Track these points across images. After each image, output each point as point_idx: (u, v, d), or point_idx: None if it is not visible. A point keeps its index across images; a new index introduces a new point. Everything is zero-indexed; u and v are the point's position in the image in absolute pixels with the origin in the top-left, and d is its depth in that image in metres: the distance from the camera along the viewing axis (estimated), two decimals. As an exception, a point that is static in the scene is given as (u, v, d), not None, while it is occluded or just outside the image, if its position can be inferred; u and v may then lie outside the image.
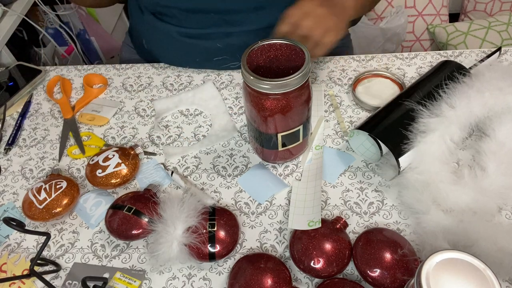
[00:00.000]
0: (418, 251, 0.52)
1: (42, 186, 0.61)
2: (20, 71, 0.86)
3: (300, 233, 0.53)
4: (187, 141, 0.70)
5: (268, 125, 0.56)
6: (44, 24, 1.55)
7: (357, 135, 0.64)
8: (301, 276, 0.53)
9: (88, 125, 0.75)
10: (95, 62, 1.71)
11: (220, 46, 0.75)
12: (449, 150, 0.56)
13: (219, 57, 0.77)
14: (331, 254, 0.51)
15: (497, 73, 0.61)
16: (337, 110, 0.71)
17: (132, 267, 0.56)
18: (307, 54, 0.53)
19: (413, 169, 0.56)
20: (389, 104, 0.63)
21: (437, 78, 0.64)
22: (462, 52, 0.79)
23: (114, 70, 0.85)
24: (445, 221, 0.52)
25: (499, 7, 1.47)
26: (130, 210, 0.57)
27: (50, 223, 0.61)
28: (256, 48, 0.55)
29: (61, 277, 0.56)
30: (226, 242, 0.54)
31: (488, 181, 0.54)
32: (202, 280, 0.54)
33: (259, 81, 0.51)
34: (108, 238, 0.59)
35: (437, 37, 1.44)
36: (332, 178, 0.62)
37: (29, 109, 0.79)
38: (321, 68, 0.79)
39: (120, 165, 0.63)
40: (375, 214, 0.58)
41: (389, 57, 0.80)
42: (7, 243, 0.60)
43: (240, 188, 0.63)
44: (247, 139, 0.69)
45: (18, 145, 0.73)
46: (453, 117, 0.57)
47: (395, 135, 0.57)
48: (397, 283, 0.48)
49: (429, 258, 0.38)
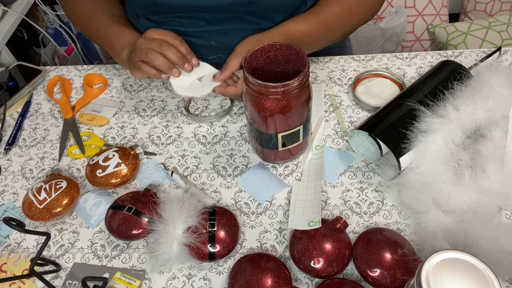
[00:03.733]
0: (418, 251, 0.52)
1: (42, 186, 0.61)
2: (20, 71, 0.86)
3: (300, 233, 0.53)
4: (187, 141, 0.70)
5: (268, 125, 0.56)
6: (44, 24, 1.56)
7: (357, 135, 0.64)
8: (301, 276, 0.53)
9: (88, 125, 0.75)
10: (95, 62, 1.71)
11: (215, 45, 0.75)
12: (450, 151, 0.56)
13: (213, 55, 0.77)
14: (331, 254, 0.51)
15: (501, 77, 0.61)
16: (337, 110, 0.71)
17: (132, 267, 0.56)
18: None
19: (414, 169, 0.56)
20: (389, 104, 0.63)
21: (437, 78, 0.64)
22: (462, 52, 0.79)
23: (114, 70, 0.85)
24: (445, 221, 0.52)
25: (499, 7, 1.47)
26: (130, 210, 0.57)
27: (50, 223, 0.61)
28: (256, 48, 0.55)
29: (61, 277, 0.56)
30: (226, 242, 0.54)
31: (488, 181, 0.54)
32: (202, 280, 0.54)
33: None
34: (108, 238, 0.59)
35: (437, 37, 1.44)
36: (332, 178, 0.62)
37: (29, 109, 0.79)
38: (321, 68, 0.79)
39: (120, 165, 0.63)
40: (375, 214, 0.58)
41: (389, 57, 0.80)
42: (7, 243, 0.60)
43: (240, 188, 0.63)
44: (247, 139, 0.69)
45: (18, 145, 0.73)
46: (457, 120, 0.57)
47: (396, 135, 0.57)
48: (397, 283, 0.48)
49: (429, 258, 0.38)
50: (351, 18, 0.73)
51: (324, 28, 0.70)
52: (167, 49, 0.64)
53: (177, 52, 0.65)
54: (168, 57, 0.64)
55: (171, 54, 0.64)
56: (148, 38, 0.66)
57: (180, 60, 0.64)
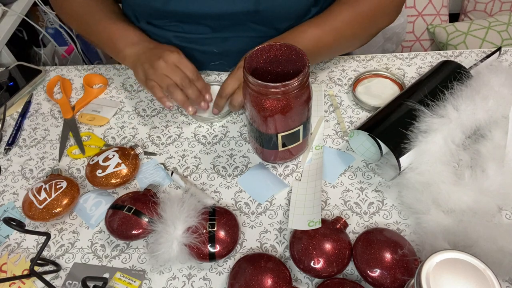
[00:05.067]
0: (418, 251, 0.52)
1: (42, 186, 0.61)
2: (20, 71, 0.86)
3: (300, 233, 0.53)
4: (187, 141, 0.70)
5: (268, 125, 0.56)
6: (44, 24, 1.55)
7: (357, 135, 0.64)
8: (301, 276, 0.53)
9: (88, 125, 0.75)
10: (95, 62, 1.71)
11: (217, 51, 0.75)
12: (450, 151, 0.56)
13: (215, 62, 0.77)
14: (331, 254, 0.51)
15: (501, 76, 0.61)
16: (337, 110, 0.71)
17: (132, 267, 0.56)
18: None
19: (414, 169, 0.56)
20: (389, 104, 0.63)
21: (437, 78, 0.64)
22: (462, 52, 0.79)
23: (114, 70, 0.85)
24: (445, 221, 0.52)
25: (499, 7, 1.47)
26: (130, 210, 0.57)
27: (50, 223, 0.61)
28: (256, 48, 0.55)
29: (61, 277, 0.56)
30: (226, 242, 0.54)
31: (488, 181, 0.54)
32: (202, 280, 0.54)
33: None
34: (108, 238, 0.59)
35: (437, 37, 1.44)
36: (332, 178, 0.62)
37: (29, 109, 0.79)
38: (321, 68, 0.79)
39: (120, 165, 0.63)
40: (375, 214, 0.58)
41: (389, 57, 0.80)
42: (7, 243, 0.60)
43: (240, 188, 0.63)
44: (247, 139, 0.69)
45: (18, 145, 0.73)
46: (457, 120, 0.57)
47: (396, 135, 0.57)
48: (397, 283, 0.48)
49: (429, 258, 0.38)
50: (365, 25, 0.70)
51: (336, 36, 0.69)
52: (188, 87, 0.68)
53: (196, 90, 0.68)
54: (187, 94, 0.67)
55: (190, 92, 0.68)
56: (170, 64, 0.68)
57: (197, 99, 0.68)
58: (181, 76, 0.67)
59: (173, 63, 0.68)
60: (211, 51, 0.76)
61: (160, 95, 0.67)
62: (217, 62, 0.77)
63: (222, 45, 0.75)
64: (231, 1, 0.67)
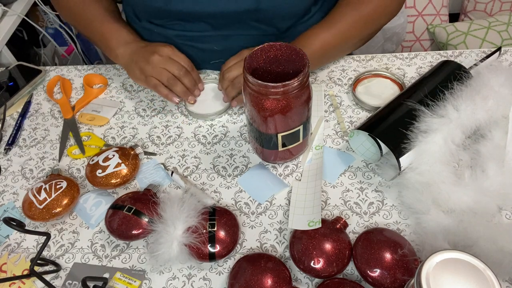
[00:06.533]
0: (418, 251, 0.52)
1: (42, 186, 0.61)
2: (20, 71, 0.86)
3: (300, 233, 0.53)
4: (187, 141, 0.70)
5: (268, 125, 0.56)
6: (44, 24, 1.55)
7: (357, 135, 0.64)
8: (301, 276, 0.53)
9: (88, 125, 0.75)
10: (95, 62, 1.71)
11: (217, 49, 0.75)
12: (450, 151, 0.56)
13: (216, 60, 0.77)
14: (331, 254, 0.51)
15: (501, 76, 0.61)
16: (337, 110, 0.71)
17: (132, 267, 0.56)
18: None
19: (414, 169, 0.56)
20: (389, 104, 0.63)
21: (437, 78, 0.64)
22: (462, 52, 0.79)
23: (114, 70, 0.85)
24: (445, 221, 0.52)
25: (499, 7, 1.47)
26: (130, 210, 0.57)
27: (50, 223, 0.61)
28: (256, 48, 0.55)
29: (61, 277, 0.56)
30: (226, 242, 0.54)
31: (488, 181, 0.54)
32: (202, 280, 0.54)
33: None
34: (108, 238, 0.59)
35: (437, 37, 1.44)
36: (332, 178, 0.62)
37: (29, 109, 0.79)
38: (321, 68, 0.79)
39: (120, 165, 0.63)
40: (375, 214, 0.58)
41: (389, 57, 0.80)
42: (7, 243, 0.60)
43: (240, 188, 0.63)
44: (247, 139, 0.69)
45: (18, 145, 0.73)
46: (457, 120, 0.57)
47: (396, 135, 0.57)
48: (397, 283, 0.48)
49: (429, 258, 0.38)
50: (368, 26, 0.71)
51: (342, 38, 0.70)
52: (185, 76, 0.70)
53: (192, 79, 0.72)
54: (184, 84, 0.71)
55: (187, 81, 0.71)
56: (165, 57, 0.70)
57: (193, 87, 0.72)
58: (178, 67, 0.70)
59: (167, 56, 0.70)
60: (212, 49, 0.76)
61: (165, 92, 0.69)
62: (217, 61, 0.77)
63: (222, 43, 0.75)
64: (233, 0, 0.67)
